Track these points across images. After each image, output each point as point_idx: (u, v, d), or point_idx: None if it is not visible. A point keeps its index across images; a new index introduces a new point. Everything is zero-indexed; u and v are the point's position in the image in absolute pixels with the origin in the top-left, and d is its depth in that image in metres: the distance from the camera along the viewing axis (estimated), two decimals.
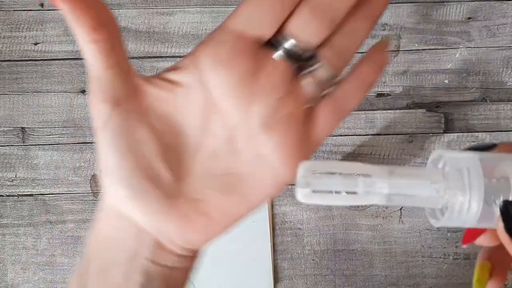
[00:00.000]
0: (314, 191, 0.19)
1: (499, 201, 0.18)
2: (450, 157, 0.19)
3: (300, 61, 0.24)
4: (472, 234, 0.22)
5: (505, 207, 0.18)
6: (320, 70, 0.24)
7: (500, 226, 0.18)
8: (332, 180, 0.19)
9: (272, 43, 0.24)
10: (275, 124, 0.24)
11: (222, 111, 0.24)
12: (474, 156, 0.19)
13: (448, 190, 0.19)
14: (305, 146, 0.25)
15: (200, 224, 0.24)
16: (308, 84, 0.25)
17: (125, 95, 0.23)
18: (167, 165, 0.23)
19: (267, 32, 0.24)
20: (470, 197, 0.18)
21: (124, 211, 0.24)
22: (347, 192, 0.19)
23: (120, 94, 0.23)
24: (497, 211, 0.19)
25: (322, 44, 0.24)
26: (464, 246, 0.23)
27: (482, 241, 0.23)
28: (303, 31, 0.23)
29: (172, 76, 0.24)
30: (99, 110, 0.23)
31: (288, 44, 0.24)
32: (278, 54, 0.24)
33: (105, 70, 0.22)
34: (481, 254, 0.24)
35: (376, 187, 0.19)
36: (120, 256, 0.24)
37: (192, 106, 0.24)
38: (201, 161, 0.24)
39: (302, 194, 0.19)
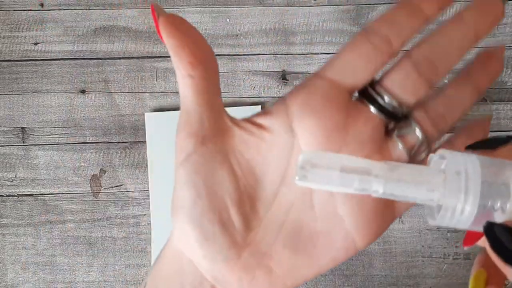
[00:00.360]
0: (311, 180, 0.19)
1: (497, 207, 0.18)
2: (451, 158, 0.19)
3: (392, 119, 0.23)
4: (473, 236, 0.22)
5: (489, 228, 0.18)
6: (411, 134, 0.23)
7: (487, 245, 0.18)
8: (329, 177, 0.19)
9: (365, 96, 0.23)
10: None
11: None
12: (476, 160, 0.19)
13: (444, 197, 0.19)
14: (384, 214, 0.23)
15: (262, 281, 0.23)
16: (397, 146, 0.23)
17: (212, 135, 0.23)
18: (241, 212, 0.23)
19: (362, 81, 0.23)
20: (464, 202, 0.18)
21: (189, 255, 0.23)
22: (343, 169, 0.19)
23: (207, 132, 0.22)
24: (493, 217, 0.18)
25: (417, 106, 0.23)
26: (465, 248, 0.23)
27: (483, 243, 0.22)
28: (399, 88, 0.23)
29: (261, 120, 0.23)
30: (183, 144, 0.22)
31: (382, 99, 0.23)
32: (372, 108, 0.23)
33: (196, 107, 0.22)
34: (477, 261, 0.23)
35: (371, 186, 0.19)
36: None
37: (276, 153, 0.23)
38: (274, 212, 0.23)
39: (299, 182, 0.20)
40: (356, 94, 0.24)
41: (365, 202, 0.23)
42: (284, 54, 0.57)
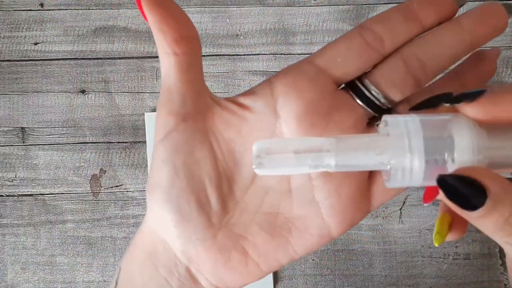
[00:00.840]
0: (267, 165, 0.20)
1: (446, 158, 0.19)
2: (393, 122, 0.20)
3: (377, 112, 0.23)
4: (431, 192, 0.23)
5: (442, 181, 0.18)
6: None
7: (442, 194, 0.19)
8: (285, 160, 0.20)
9: (352, 88, 0.23)
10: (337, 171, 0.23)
11: None
12: (416, 118, 0.20)
13: (392, 158, 0.19)
14: (361, 203, 0.24)
15: (236, 263, 0.23)
16: None
17: (193, 113, 0.22)
18: (218, 193, 0.22)
19: (350, 75, 0.23)
20: (411, 160, 0.19)
21: (162, 235, 0.23)
22: (296, 151, 0.20)
23: (189, 110, 0.22)
24: (443, 169, 0.19)
25: (402, 100, 0.23)
26: (426, 204, 0.24)
27: (442, 196, 0.24)
28: (387, 82, 0.23)
29: (244, 100, 0.23)
30: (163, 122, 0.22)
31: (370, 93, 0.23)
32: (358, 100, 0.23)
33: (177, 84, 0.22)
34: (441, 206, 0.24)
35: (324, 161, 0.20)
36: (150, 284, 0.23)
37: (257, 134, 0.23)
38: (251, 194, 0.23)
39: (257, 170, 0.20)
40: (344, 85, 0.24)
41: (342, 188, 0.23)
42: (284, 54, 0.57)
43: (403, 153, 0.19)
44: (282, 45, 0.57)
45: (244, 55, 0.57)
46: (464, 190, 0.18)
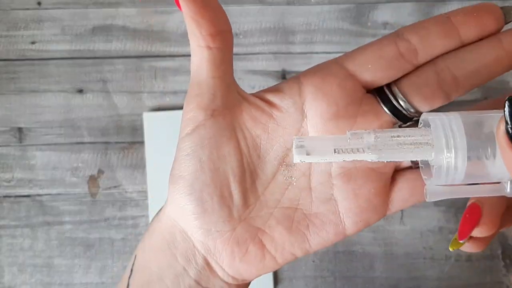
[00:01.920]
0: (308, 153, 0.20)
1: (488, 154, 0.19)
2: (433, 119, 0.20)
3: (401, 119, 0.23)
4: (466, 229, 0.23)
5: (510, 103, 0.17)
6: None
7: (501, 129, 0.17)
8: (324, 139, 0.20)
9: (380, 96, 0.23)
10: (357, 173, 0.23)
11: None
12: (457, 115, 0.20)
13: (435, 154, 0.20)
14: (378, 207, 0.24)
15: (254, 256, 0.23)
16: None
17: (222, 108, 0.22)
18: (241, 188, 0.23)
19: (379, 81, 0.23)
20: (454, 154, 0.19)
21: (184, 226, 0.23)
22: (336, 149, 0.20)
23: (218, 105, 0.22)
24: (487, 164, 0.19)
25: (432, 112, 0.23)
26: (462, 241, 0.25)
27: (478, 233, 0.24)
28: (416, 93, 0.22)
29: (272, 97, 0.23)
30: (191, 116, 0.22)
31: (398, 102, 0.23)
32: (384, 107, 0.23)
33: (208, 78, 0.22)
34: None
35: (364, 138, 0.20)
36: (167, 272, 0.24)
37: (283, 131, 0.23)
38: (272, 190, 0.24)
39: (297, 154, 0.20)
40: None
41: (360, 191, 0.23)
42: (284, 53, 0.57)
43: (446, 149, 0.19)
44: (282, 44, 0.57)
45: (243, 54, 0.57)
46: None
